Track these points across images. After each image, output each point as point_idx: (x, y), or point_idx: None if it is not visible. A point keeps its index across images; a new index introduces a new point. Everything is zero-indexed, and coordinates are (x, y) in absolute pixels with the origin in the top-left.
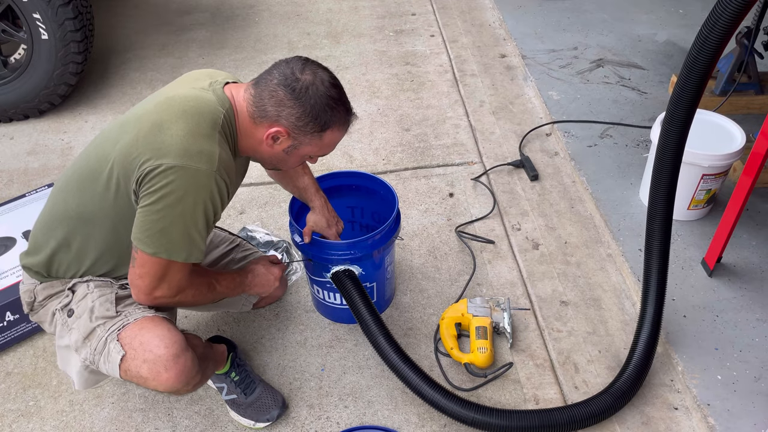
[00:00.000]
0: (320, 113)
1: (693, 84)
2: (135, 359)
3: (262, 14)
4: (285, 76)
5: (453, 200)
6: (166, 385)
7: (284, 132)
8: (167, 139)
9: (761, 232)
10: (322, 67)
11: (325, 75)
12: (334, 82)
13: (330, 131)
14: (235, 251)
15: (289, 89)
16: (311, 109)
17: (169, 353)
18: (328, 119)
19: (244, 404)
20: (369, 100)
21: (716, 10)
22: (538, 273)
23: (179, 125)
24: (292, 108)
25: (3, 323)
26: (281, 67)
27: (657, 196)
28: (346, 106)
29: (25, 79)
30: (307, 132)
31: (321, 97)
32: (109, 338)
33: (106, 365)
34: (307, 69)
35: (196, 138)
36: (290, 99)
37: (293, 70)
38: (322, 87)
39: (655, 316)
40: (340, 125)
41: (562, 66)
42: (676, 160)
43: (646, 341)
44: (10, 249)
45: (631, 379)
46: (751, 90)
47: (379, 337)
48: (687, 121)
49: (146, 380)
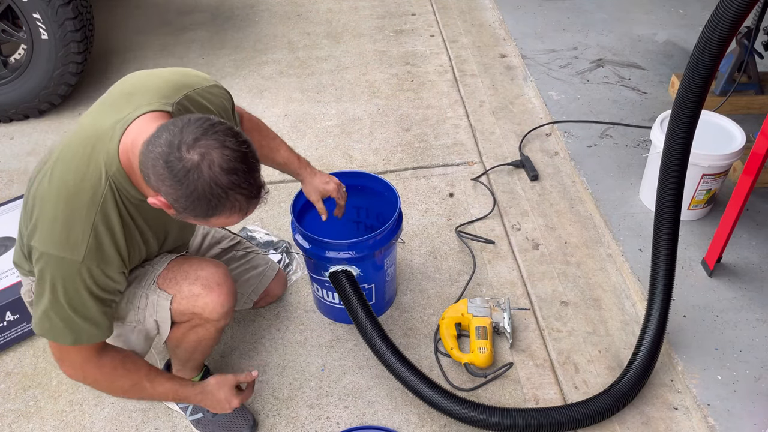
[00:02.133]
0: (201, 202)
1: (697, 84)
2: (187, 279)
3: (262, 14)
4: (170, 146)
5: (453, 200)
6: (217, 302)
7: (165, 206)
8: (41, 219)
9: (761, 232)
10: (224, 141)
11: (217, 156)
12: (230, 166)
13: (216, 218)
14: (236, 248)
15: (168, 167)
16: (190, 195)
17: (220, 271)
18: (212, 209)
19: (210, 423)
20: (369, 100)
21: (718, 10)
22: (538, 273)
23: (52, 205)
24: (170, 188)
25: (3, 323)
26: (173, 132)
27: (664, 198)
28: (243, 193)
29: (25, 79)
30: (188, 215)
31: (203, 185)
32: (149, 292)
33: (154, 315)
34: (198, 145)
35: (65, 223)
36: (168, 177)
37: (180, 143)
38: (208, 173)
39: (660, 319)
40: (233, 212)
41: (562, 66)
42: (682, 162)
43: (651, 343)
44: (10, 249)
45: (634, 380)
46: (751, 90)
47: (375, 339)
48: (693, 122)
49: (197, 297)
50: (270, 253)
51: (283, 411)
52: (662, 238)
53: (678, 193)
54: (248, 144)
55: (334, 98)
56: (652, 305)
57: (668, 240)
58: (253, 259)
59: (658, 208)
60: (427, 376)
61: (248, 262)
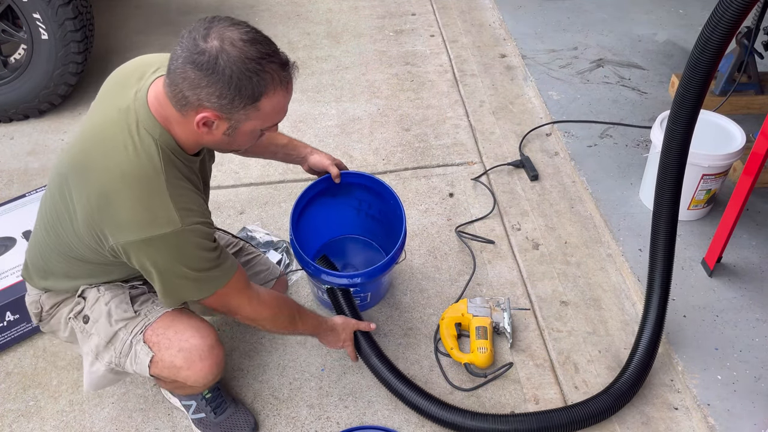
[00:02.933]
0: (243, 83)
1: (696, 84)
2: (169, 349)
3: (262, 14)
4: (188, 49)
5: (453, 200)
6: (199, 375)
7: (213, 116)
8: (120, 214)
9: (761, 232)
10: (231, 22)
11: (234, 33)
12: (250, 37)
13: (266, 98)
14: (239, 255)
15: (196, 66)
16: (229, 82)
17: (205, 343)
18: (256, 86)
19: (211, 424)
20: (369, 100)
21: (718, 10)
22: (538, 273)
23: (124, 195)
24: (208, 87)
25: (3, 323)
26: (184, 39)
27: (662, 197)
28: (275, 61)
29: (25, 79)
30: (237, 108)
31: (236, 63)
32: (134, 340)
33: (133, 366)
34: (212, 33)
35: (145, 204)
36: (201, 77)
37: (195, 39)
38: (234, 51)
39: (657, 319)
40: (276, 86)
41: (562, 66)
42: (681, 161)
43: (648, 342)
44: (10, 249)
45: (632, 379)
46: (751, 90)
47: (371, 358)
48: (691, 122)
49: (179, 370)
50: (270, 253)
51: (283, 411)
52: (660, 236)
53: (676, 192)
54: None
55: (334, 98)
56: (649, 303)
57: (666, 238)
58: (255, 266)
59: (656, 206)
60: (419, 387)
61: (251, 268)
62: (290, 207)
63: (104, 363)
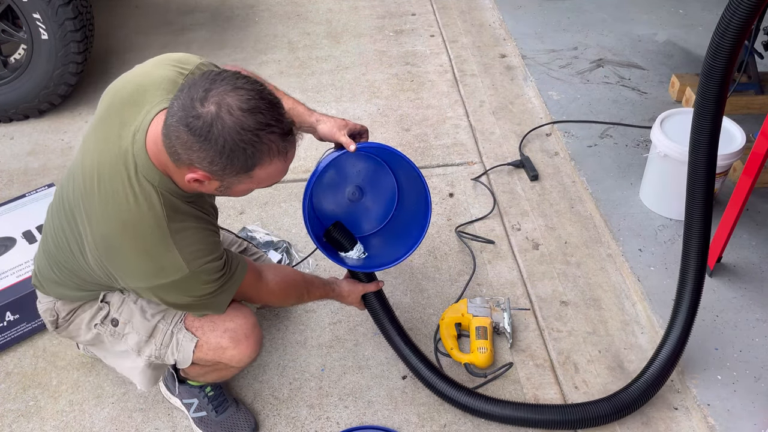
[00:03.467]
0: (235, 154)
1: (714, 91)
2: (215, 331)
3: (262, 14)
4: (185, 109)
5: (453, 200)
6: (244, 354)
7: (203, 177)
8: (126, 264)
9: (761, 232)
10: (233, 85)
11: (234, 99)
12: (250, 106)
13: (260, 168)
14: (243, 255)
15: (190, 130)
16: (221, 152)
17: (249, 322)
18: (250, 158)
19: (212, 423)
20: (369, 100)
21: (726, 13)
22: (538, 273)
23: (127, 246)
24: (200, 151)
25: (3, 323)
26: (183, 95)
27: (693, 213)
28: (275, 131)
29: (25, 79)
30: (229, 174)
31: (230, 133)
32: (176, 329)
33: (175, 355)
34: (211, 96)
35: (151, 254)
36: (194, 141)
37: (193, 99)
38: (230, 119)
39: (681, 337)
40: (273, 156)
41: (562, 66)
42: (709, 172)
43: (666, 359)
44: (10, 249)
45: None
46: (751, 90)
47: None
48: (715, 131)
49: (225, 350)
50: (270, 253)
51: (283, 411)
52: (690, 256)
53: (707, 207)
54: (260, 83)
55: (334, 98)
56: (674, 320)
57: (697, 258)
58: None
59: (687, 224)
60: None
61: None
62: (290, 207)
63: (144, 358)
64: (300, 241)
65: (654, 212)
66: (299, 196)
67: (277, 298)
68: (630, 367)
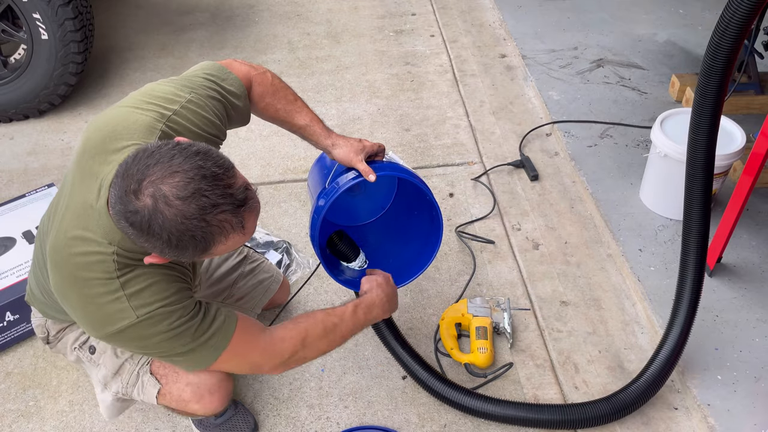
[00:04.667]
0: (183, 243)
1: (713, 90)
2: (177, 383)
3: (262, 14)
4: (122, 202)
5: (453, 200)
6: (208, 408)
7: (162, 260)
8: (76, 313)
9: (761, 232)
10: (170, 166)
11: (169, 187)
12: (189, 191)
13: (216, 245)
14: (243, 264)
15: (131, 225)
16: (168, 243)
17: (214, 377)
18: (200, 242)
19: (211, 425)
20: (369, 100)
21: (726, 14)
22: (538, 273)
23: (75, 298)
24: (148, 243)
25: (3, 323)
26: (117, 184)
27: (691, 211)
28: (225, 209)
29: (25, 79)
30: (186, 257)
31: (173, 225)
32: (141, 371)
33: (141, 395)
34: (144, 187)
35: (97, 303)
36: (139, 235)
37: (127, 192)
38: (169, 211)
39: (681, 337)
40: (228, 233)
41: (562, 66)
42: (708, 171)
43: (666, 359)
44: (10, 249)
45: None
46: (751, 90)
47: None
48: (713, 130)
49: (187, 403)
50: (270, 253)
51: (283, 411)
52: (690, 253)
53: (706, 205)
54: (203, 152)
55: (334, 98)
56: (674, 320)
57: (696, 255)
58: (258, 273)
59: (685, 228)
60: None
61: (254, 276)
62: (290, 207)
63: (111, 393)
64: (300, 241)
65: (654, 212)
66: (299, 196)
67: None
68: (630, 367)
